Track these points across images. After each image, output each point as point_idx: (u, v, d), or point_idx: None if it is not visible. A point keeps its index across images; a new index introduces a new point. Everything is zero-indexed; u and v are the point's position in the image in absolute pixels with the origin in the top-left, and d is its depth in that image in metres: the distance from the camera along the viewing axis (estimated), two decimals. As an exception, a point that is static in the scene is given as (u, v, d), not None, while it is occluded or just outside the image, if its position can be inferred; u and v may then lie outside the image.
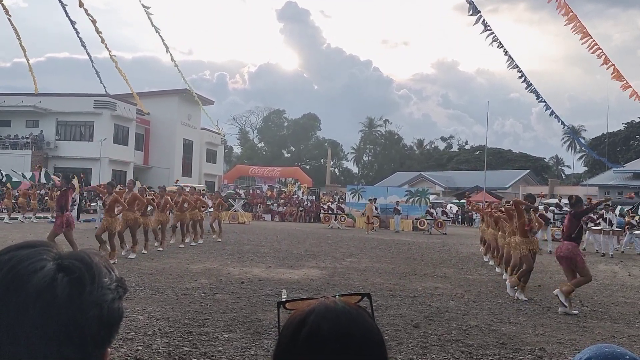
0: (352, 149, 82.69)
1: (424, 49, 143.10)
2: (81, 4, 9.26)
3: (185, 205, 15.50)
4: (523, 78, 8.72)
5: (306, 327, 0.83)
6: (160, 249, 13.65)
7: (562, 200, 34.54)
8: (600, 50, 7.93)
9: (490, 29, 7.81)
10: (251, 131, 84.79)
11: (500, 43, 8.08)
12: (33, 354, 0.70)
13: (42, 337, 0.70)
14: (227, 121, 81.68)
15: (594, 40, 7.78)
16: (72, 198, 12.96)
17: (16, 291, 0.71)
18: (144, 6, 9.58)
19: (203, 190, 27.73)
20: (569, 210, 8.98)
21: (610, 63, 8.06)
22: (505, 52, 8.25)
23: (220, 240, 17.10)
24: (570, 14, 7.47)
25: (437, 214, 29.70)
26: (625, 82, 8.36)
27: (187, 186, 23.11)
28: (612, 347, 1.06)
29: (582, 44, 7.69)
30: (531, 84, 8.90)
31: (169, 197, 15.01)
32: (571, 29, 7.52)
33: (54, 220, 23.90)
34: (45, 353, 0.70)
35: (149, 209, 13.85)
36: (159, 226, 14.30)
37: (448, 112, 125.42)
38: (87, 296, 0.73)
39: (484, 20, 7.75)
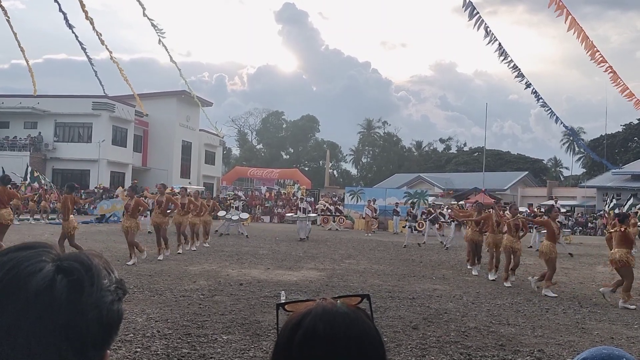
0: (350, 151, 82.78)
1: (422, 50, 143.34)
2: (87, 18, 9.22)
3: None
4: (523, 79, 8.71)
5: (302, 329, 0.83)
6: (167, 253, 12.94)
7: (559, 202, 34.68)
8: (599, 53, 7.93)
9: (493, 35, 7.81)
10: (250, 133, 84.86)
11: (500, 45, 8.08)
12: (32, 356, 0.69)
13: (41, 339, 0.70)
14: (226, 123, 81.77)
15: (592, 43, 7.79)
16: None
17: (15, 293, 0.70)
18: (152, 23, 9.53)
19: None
20: None
21: (607, 65, 8.06)
22: (504, 54, 8.25)
23: (207, 245, 15.90)
24: (570, 16, 7.48)
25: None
26: (623, 84, 8.37)
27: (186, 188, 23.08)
28: (610, 349, 1.06)
29: (583, 49, 7.69)
30: (531, 85, 8.90)
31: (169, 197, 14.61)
32: (572, 32, 7.52)
33: (51, 222, 23.81)
34: (44, 355, 0.70)
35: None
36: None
37: (447, 113, 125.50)
38: (86, 298, 0.73)
39: (485, 24, 7.75)
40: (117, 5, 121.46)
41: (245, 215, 23.84)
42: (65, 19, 9.44)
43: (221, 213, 21.89)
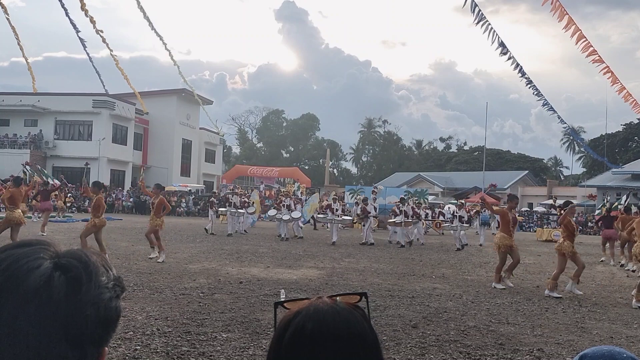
0: (351, 150, 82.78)
1: (422, 49, 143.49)
2: (86, 13, 9.23)
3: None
4: (524, 77, 8.69)
5: (291, 328, 0.83)
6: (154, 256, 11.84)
7: (558, 201, 34.67)
8: (596, 54, 7.92)
9: (497, 35, 7.80)
10: (250, 131, 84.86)
11: (503, 44, 8.07)
12: (30, 353, 0.69)
13: (39, 336, 0.70)
14: (226, 121, 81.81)
15: (589, 43, 7.78)
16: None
17: (12, 290, 0.70)
18: (144, 13, 9.53)
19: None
20: None
21: (605, 65, 8.05)
22: (508, 53, 8.24)
23: (160, 260, 11.53)
24: (566, 16, 7.47)
25: (436, 214, 29.65)
26: (620, 85, 8.36)
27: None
28: (611, 347, 1.08)
29: (580, 50, 7.69)
30: (532, 82, 8.88)
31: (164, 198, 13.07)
32: (568, 31, 7.52)
33: (51, 219, 23.77)
34: (41, 352, 0.70)
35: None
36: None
37: (447, 112, 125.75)
38: (83, 295, 0.73)
39: (488, 23, 7.73)
40: (116, 3, 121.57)
41: (297, 214, 21.39)
42: (67, 15, 9.45)
43: (271, 212, 20.79)
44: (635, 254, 9.37)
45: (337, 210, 19.45)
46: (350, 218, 20.55)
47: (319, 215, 23.37)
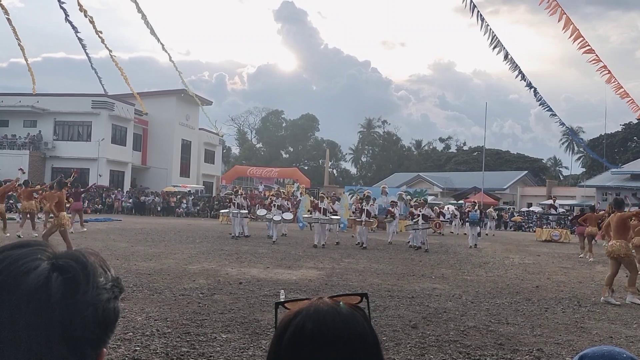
0: (350, 150, 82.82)
1: (421, 49, 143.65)
2: (85, 13, 9.22)
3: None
4: (522, 77, 8.69)
5: (291, 328, 0.83)
6: None
7: (557, 202, 34.68)
8: (594, 54, 7.93)
9: (493, 33, 7.80)
10: (249, 132, 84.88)
11: (500, 44, 8.07)
12: (27, 355, 0.69)
13: (37, 337, 0.69)
14: (226, 122, 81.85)
15: (587, 43, 7.78)
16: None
17: (10, 291, 0.70)
18: (141, 13, 9.52)
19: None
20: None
21: (602, 65, 8.06)
22: (506, 55, 8.24)
23: None
24: (564, 15, 7.48)
25: (435, 214, 29.67)
26: (618, 84, 8.37)
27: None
28: (611, 347, 1.08)
29: (577, 48, 7.70)
30: (531, 85, 8.89)
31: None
32: (566, 31, 7.52)
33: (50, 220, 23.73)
34: (40, 353, 0.70)
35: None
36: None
37: (446, 113, 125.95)
38: (81, 296, 0.72)
39: (486, 23, 7.74)
40: (115, 3, 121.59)
41: (289, 216, 20.83)
42: (66, 15, 9.45)
43: (261, 212, 20.39)
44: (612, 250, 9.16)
45: (324, 210, 18.46)
46: (338, 217, 19.52)
47: (304, 215, 22.31)
